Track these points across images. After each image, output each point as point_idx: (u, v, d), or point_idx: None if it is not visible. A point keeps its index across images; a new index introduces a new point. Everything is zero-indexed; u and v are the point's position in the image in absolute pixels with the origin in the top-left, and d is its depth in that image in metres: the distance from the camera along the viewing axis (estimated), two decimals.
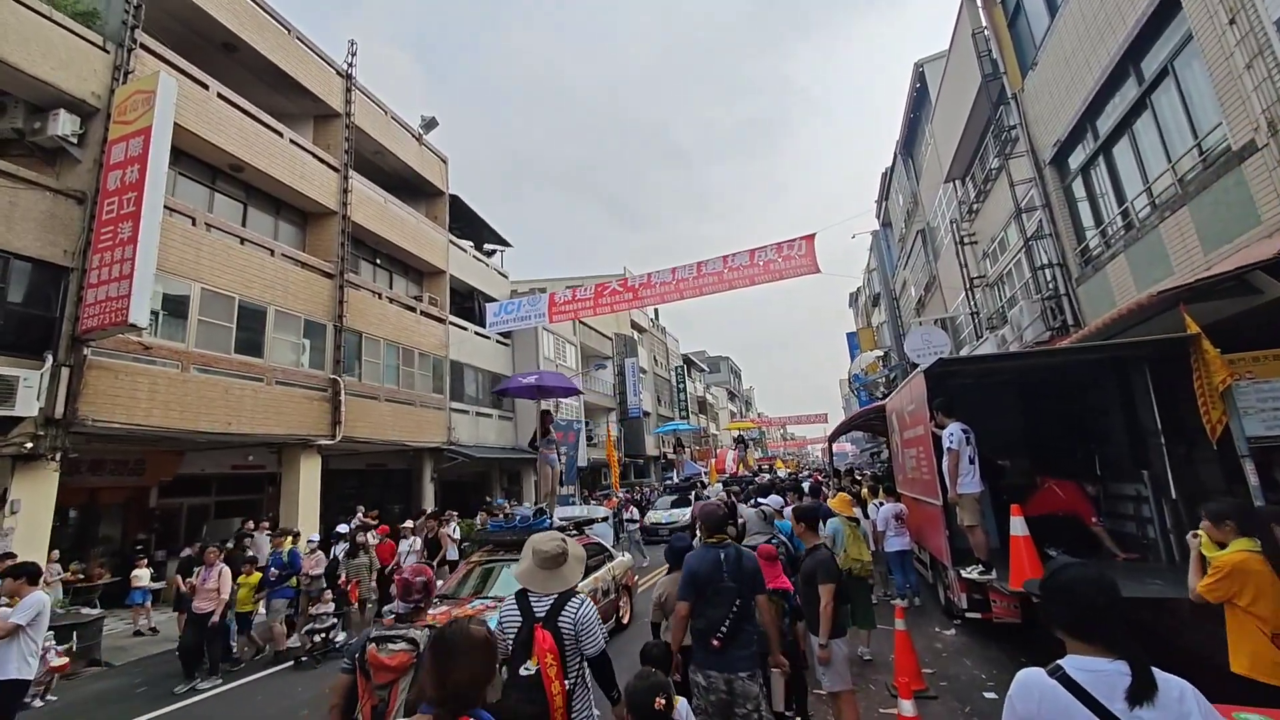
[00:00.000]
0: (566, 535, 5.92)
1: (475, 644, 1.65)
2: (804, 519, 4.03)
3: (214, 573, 7.42)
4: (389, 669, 2.54)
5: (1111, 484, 6.23)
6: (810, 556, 3.96)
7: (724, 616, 3.13)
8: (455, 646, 1.62)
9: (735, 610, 3.15)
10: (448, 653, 1.61)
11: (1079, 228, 8.84)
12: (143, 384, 9.80)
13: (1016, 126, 9.68)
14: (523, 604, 2.79)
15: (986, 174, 11.67)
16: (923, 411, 6.35)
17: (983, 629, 5.94)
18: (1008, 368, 6.17)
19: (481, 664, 1.64)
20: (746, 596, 3.23)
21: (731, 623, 3.13)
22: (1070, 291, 8.94)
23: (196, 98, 11.49)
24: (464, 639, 1.64)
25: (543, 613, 2.73)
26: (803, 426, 72.07)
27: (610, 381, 31.74)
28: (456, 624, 1.70)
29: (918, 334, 13.76)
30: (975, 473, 5.31)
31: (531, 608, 2.76)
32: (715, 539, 3.40)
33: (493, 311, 11.77)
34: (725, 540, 3.42)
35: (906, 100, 17.01)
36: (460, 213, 21.97)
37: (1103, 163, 7.89)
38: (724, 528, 3.51)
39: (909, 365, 24.21)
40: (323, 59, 15.16)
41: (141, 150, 9.19)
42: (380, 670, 2.55)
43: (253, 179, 13.17)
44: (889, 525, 7.56)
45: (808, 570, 3.92)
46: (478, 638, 1.67)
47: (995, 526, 6.21)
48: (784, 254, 10.28)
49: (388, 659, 2.55)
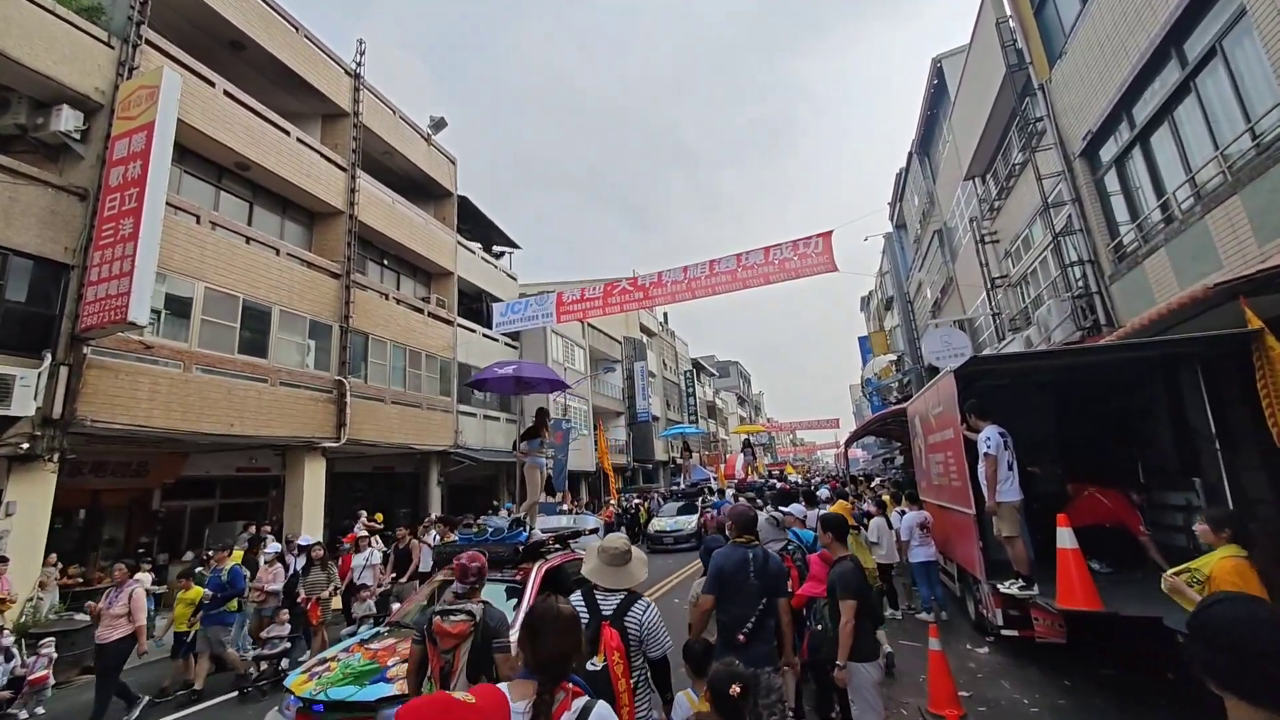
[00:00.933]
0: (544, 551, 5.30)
1: (564, 619, 1.82)
2: (831, 528, 3.69)
3: (123, 595, 6.33)
4: (452, 636, 2.98)
5: (1157, 492, 5.82)
6: (833, 569, 3.61)
7: (749, 614, 3.28)
8: (545, 622, 1.79)
9: (761, 608, 3.32)
10: (539, 628, 1.77)
11: (1112, 223, 8.44)
12: (144, 384, 9.61)
13: (1043, 118, 9.30)
14: (589, 600, 2.91)
15: (1010, 170, 11.27)
16: (952, 414, 5.98)
17: (1019, 647, 5.55)
18: (1045, 367, 5.78)
19: (571, 637, 1.82)
20: (772, 596, 3.37)
21: (756, 620, 3.28)
22: (1103, 289, 8.52)
23: (203, 95, 11.37)
24: (553, 615, 1.81)
25: (610, 611, 2.86)
26: (813, 432, 71.38)
27: (619, 385, 31.43)
28: (546, 602, 1.88)
29: (936, 336, 13.34)
30: (1014, 479, 4.94)
31: (599, 605, 2.89)
32: (744, 539, 3.56)
33: (499, 312, 11.50)
34: (753, 541, 3.58)
35: (923, 97, 16.63)
36: (469, 214, 21.82)
37: (1139, 153, 7.50)
38: (754, 529, 3.68)
39: (924, 370, 23.72)
40: (331, 58, 15.06)
41: (144, 146, 9.04)
42: (445, 637, 2.98)
43: (259, 178, 13.03)
44: (913, 535, 7.17)
45: (830, 582, 3.58)
46: (566, 614, 1.85)
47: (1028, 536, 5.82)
48: (800, 252, 9.94)
49: (451, 627, 2.99)
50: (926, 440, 7.84)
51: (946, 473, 6.61)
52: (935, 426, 7.01)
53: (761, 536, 5.50)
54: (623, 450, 30.98)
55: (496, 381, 7.34)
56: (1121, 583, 4.45)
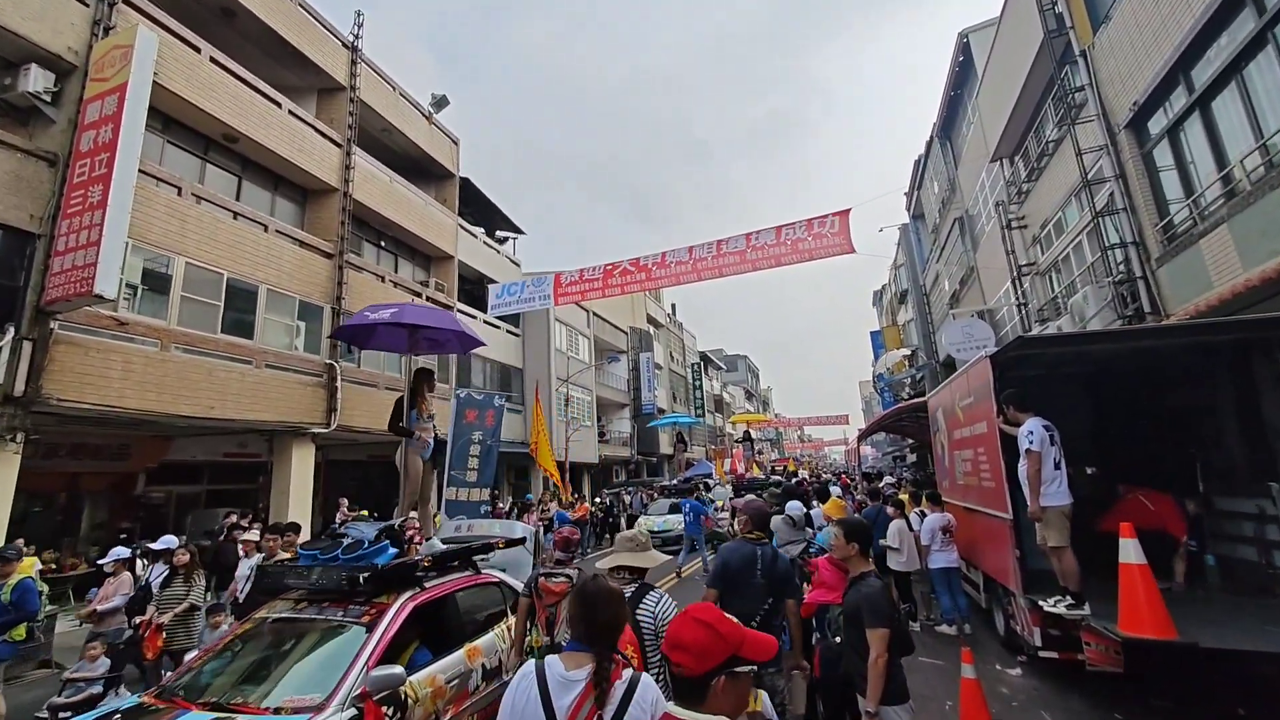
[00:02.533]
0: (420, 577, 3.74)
1: (612, 594, 1.90)
2: (855, 538, 3.04)
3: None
4: (554, 593, 3.52)
5: (1220, 499, 5.13)
6: (854, 589, 2.97)
7: (755, 612, 3.17)
8: (596, 597, 1.86)
9: (766, 608, 3.25)
10: (591, 602, 1.85)
11: (1160, 200, 7.68)
12: (116, 362, 9.11)
13: (1084, 88, 8.52)
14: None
15: (1042, 148, 10.48)
16: (986, 405, 5.30)
17: (1057, 670, 4.89)
18: (1100, 352, 5.09)
19: (621, 609, 1.91)
20: (778, 597, 3.33)
21: (762, 619, 3.19)
22: (1148, 274, 7.77)
23: (187, 61, 10.81)
24: (602, 590, 1.89)
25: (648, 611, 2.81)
26: (821, 428, 70.50)
27: (624, 376, 30.83)
28: (594, 579, 1.96)
29: (957, 327, 12.59)
30: (1063, 480, 4.26)
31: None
32: (755, 536, 3.50)
33: (495, 294, 10.91)
34: (764, 539, 3.52)
35: (947, 77, 15.77)
36: (472, 197, 21.23)
37: (1197, 120, 6.73)
38: (767, 525, 3.63)
39: (938, 365, 22.93)
40: (327, 29, 14.45)
41: (116, 109, 8.48)
42: (549, 594, 3.54)
43: (248, 151, 12.47)
44: (935, 539, 6.51)
45: (850, 607, 2.94)
46: (614, 590, 1.93)
47: None
48: (814, 232, 9.23)
49: (554, 586, 3.55)
50: (951, 436, 7.16)
51: (975, 472, 5.94)
52: (963, 420, 6.34)
53: (778, 538, 4.98)
54: (626, 443, 30.42)
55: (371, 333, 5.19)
56: (1180, 601, 3.79)
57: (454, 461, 8.42)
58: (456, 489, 8.50)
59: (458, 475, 8.49)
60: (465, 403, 9.19)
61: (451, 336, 5.21)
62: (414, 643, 3.76)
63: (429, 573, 3.94)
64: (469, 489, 8.53)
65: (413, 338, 5.09)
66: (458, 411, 8.65)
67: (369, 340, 5.46)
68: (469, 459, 8.69)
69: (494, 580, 4.52)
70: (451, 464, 8.35)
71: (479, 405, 9.11)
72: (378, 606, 3.47)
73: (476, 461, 8.68)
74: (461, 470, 8.55)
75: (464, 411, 8.90)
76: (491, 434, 8.92)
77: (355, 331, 5.36)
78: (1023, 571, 4.82)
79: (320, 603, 3.64)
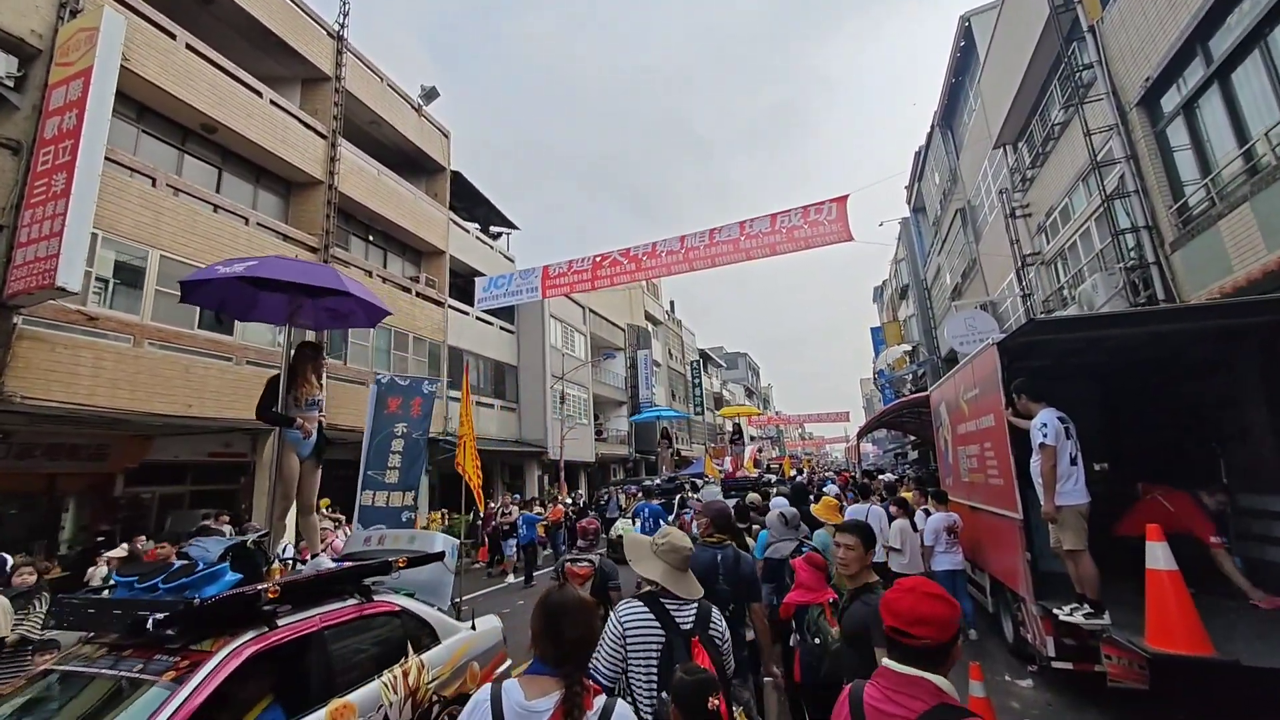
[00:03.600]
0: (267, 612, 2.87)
1: (583, 605, 1.71)
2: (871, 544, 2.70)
3: None
4: (579, 576, 3.95)
5: (1244, 496, 4.77)
6: (861, 602, 2.60)
7: None
8: (564, 609, 1.67)
9: (727, 615, 2.98)
10: (557, 615, 1.66)
11: (1175, 181, 7.29)
12: (85, 359, 8.77)
13: (1093, 65, 8.13)
14: (662, 615, 2.39)
15: (1048, 132, 10.09)
16: (993, 397, 4.94)
17: (1071, 682, 4.53)
18: (1114, 339, 4.71)
19: (591, 623, 1.72)
20: (741, 601, 3.23)
21: None
22: (1161, 259, 7.39)
23: (161, 47, 10.45)
24: (570, 602, 1.69)
25: (689, 624, 2.39)
26: (822, 425, 70.07)
27: (622, 374, 30.47)
28: (562, 589, 1.75)
29: (959, 319, 12.22)
30: (1080, 477, 3.89)
31: (673, 618, 2.39)
32: (716, 539, 3.39)
33: (482, 286, 10.55)
34: (725, 542, 3.40)
35: (948, 63, 15.36)
36: (464, 192, 20.86)
37: (1215, 94, 6.34)
38: (729, 528, 3.47)
39: (940, 360, 22.55)
40: (310, 16, 14.07)
41: (81, 94, 8.13)
42: (574, 577, 3.91)
43: (228, 141, 12.12)
44: (939, 539, 6.14)
45: (856, 623, 2.56)
46: (584, 601, 1.74)
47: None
48: (811, 219, 8.85)
49: (579, 570, 3.98)
50: (955, 430, 6.80)
51: (982, 468, 5.58)
52: (968, 414, 5.97)
53: (771, 535, 4.71)
54: (624, 441, 30.06)
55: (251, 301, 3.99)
56: (1212, 612, 3.42)
57: (371, 460, 6.92)
58: (373, 492, 6.92)
59: (376, 476, 6.94)
60: (387, 389, 7.47)
61: (355, 307, 4.02)
62: (264, 700, 2.81)
63: (280, 606, 2.90)
64: (388, 492, 6.94)
65: (296, 305, 3.91)
66: (377, 400, 7.16)
67: (249, 309, 4.11)
68: (389, 456, 7.05)
69: (393, 610, 3.52)
70: (368, 462, 6.90)
71: (403, 391, 7.43)
72: (193, 656, 2.57)
73: (399, 459, 7.04)
74: (380, 470, 6.97)
75: (385, 399, 7.25)
76: (418, 426, 7.23)
77: (214, 293, 3.90)
78: (1034, 575, 4.46)
79: (121, 650, 2.69)
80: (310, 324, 4.33)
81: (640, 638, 2.33)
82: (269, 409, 3.77)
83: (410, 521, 6.95)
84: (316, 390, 3.98)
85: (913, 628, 1.52)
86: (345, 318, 4.30)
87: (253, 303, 4.06)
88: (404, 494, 7.02)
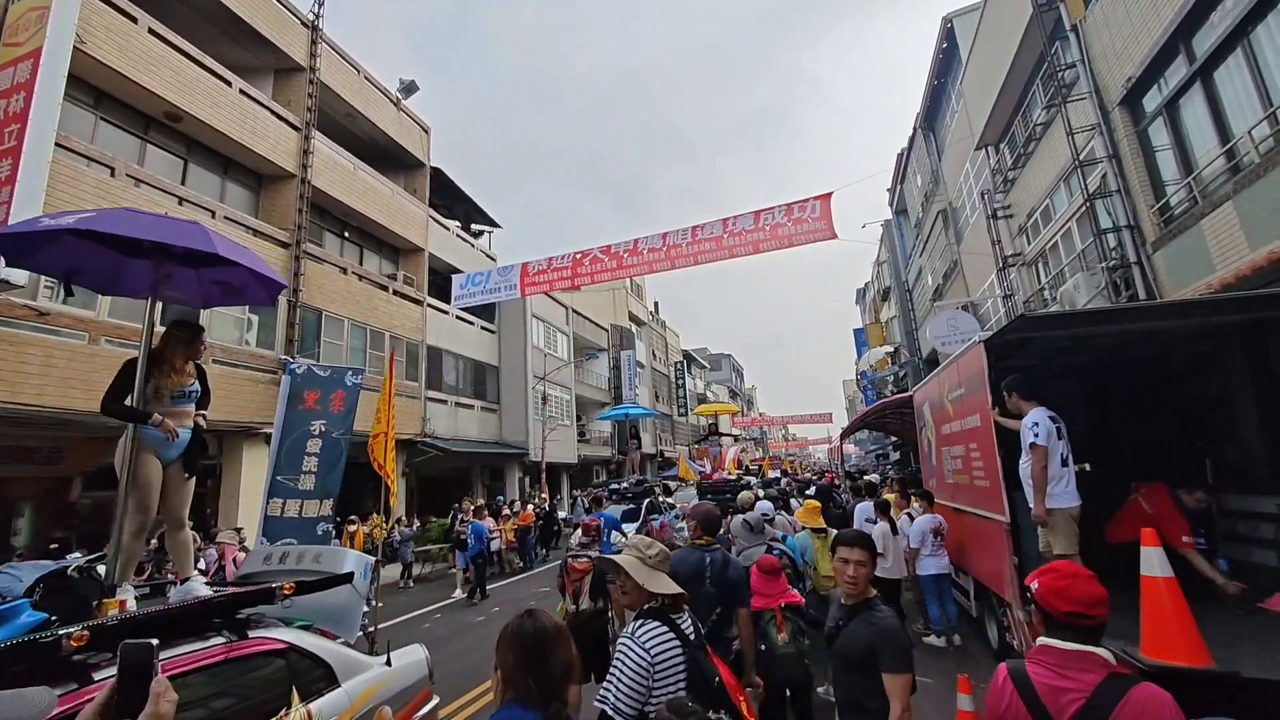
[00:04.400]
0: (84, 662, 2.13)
1: (560, 633, 1.55)
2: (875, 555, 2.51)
3: None
4: (579, 570, 4.25)
5: (1231, 497, 4.69)
6: (861, 620, 2.36)
7: (702, 622, 2.77)
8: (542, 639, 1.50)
9: (715, 619, 3.11)
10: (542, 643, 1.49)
11: (1157, 181, 7.28)
12: (33, 356, 8.32)
13: (1076, 64, 8.10)
14: (676, 630, 2.18)
15: (1030, 132, 10.08)
16: (979, 396, 4.81)
17: None
18: (1102, 338, 4.59)
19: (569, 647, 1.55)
20: (727, 606, 3.18)
21: (710, 630, 2.99)
22: (1143, 259, 7.37)
23: (122, 31, 9.99)
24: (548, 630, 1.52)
25: (692, 632, 2.23)
26: (805, 426, 70.46)
27: (605, 375, 30.22)
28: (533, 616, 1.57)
29: (943, 319, 12.19)
30: (1071, 478, 3.76)
31: (683, 631, 2.19)
32: (704, 541, 3.37)
33: (458, 284, 10.25)
34: (714, 545, 3.38)
35: (931, 64, 15.40)
36: (445, 189, 20.48)
37: (1198, 92, 6.31)
38: (716, 530, 3.45)
39: (921, 361, 22.66)
40: (283, 4, 13.63)
41: (29, 75, 7.72)
42: (574, 571, 4.25)
43: (194, 131, 11.66)
44: (926, 542, 6.01)
45: (861, 646, 2.29)
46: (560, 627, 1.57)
47: None
48: (794, 217, 8.70)
49: (579, 565, 4.28)
50: (939, 431, 6.68)
51: (967, 469, 5.45)
52: (953, 414, 5.85)
53: (736, 542, 4.63)
54: (607, 442, 29.81)
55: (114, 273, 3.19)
56: (1207, 620, 3.29)
57: (283, 463, 5.94)
58: (284, 501, 5.91)
59: (287, 482, 5.94)
60: (303, 380, 6.24)
61: (250, 280, 3.22)
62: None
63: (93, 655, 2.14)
64: (302, 500, 5.90)
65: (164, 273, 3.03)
66: (291, 393, 6.14)
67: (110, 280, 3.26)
68: (304, 459, 6.00)
69: (277, 648, 2.78)
70: (278, 466, 5.94)
71: (322, 384, 6.29)
72: None
73: (315, 462, 6.00)
74: (293, 475, 5.96)
75: (300, 393, 6.18)
76: (340, 423, 6.13)
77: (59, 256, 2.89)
78: (1021, 580, 4.31)
79: None
80: (189, 299, 3.51)
81: (668, 663, 2.11)
82: (118, 401, 2.96)
83: (327, 535, 5.96)
84: (189, 380, 3.26)
85: (1093, 609, 1.59)
86: (239, 292, 3.50)
87: (115, 271, 3.17)
88: (321, 502, 5.98)
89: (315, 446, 6.03)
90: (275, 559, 3.76)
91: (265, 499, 5.86)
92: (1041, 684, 1.57)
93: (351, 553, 3.78)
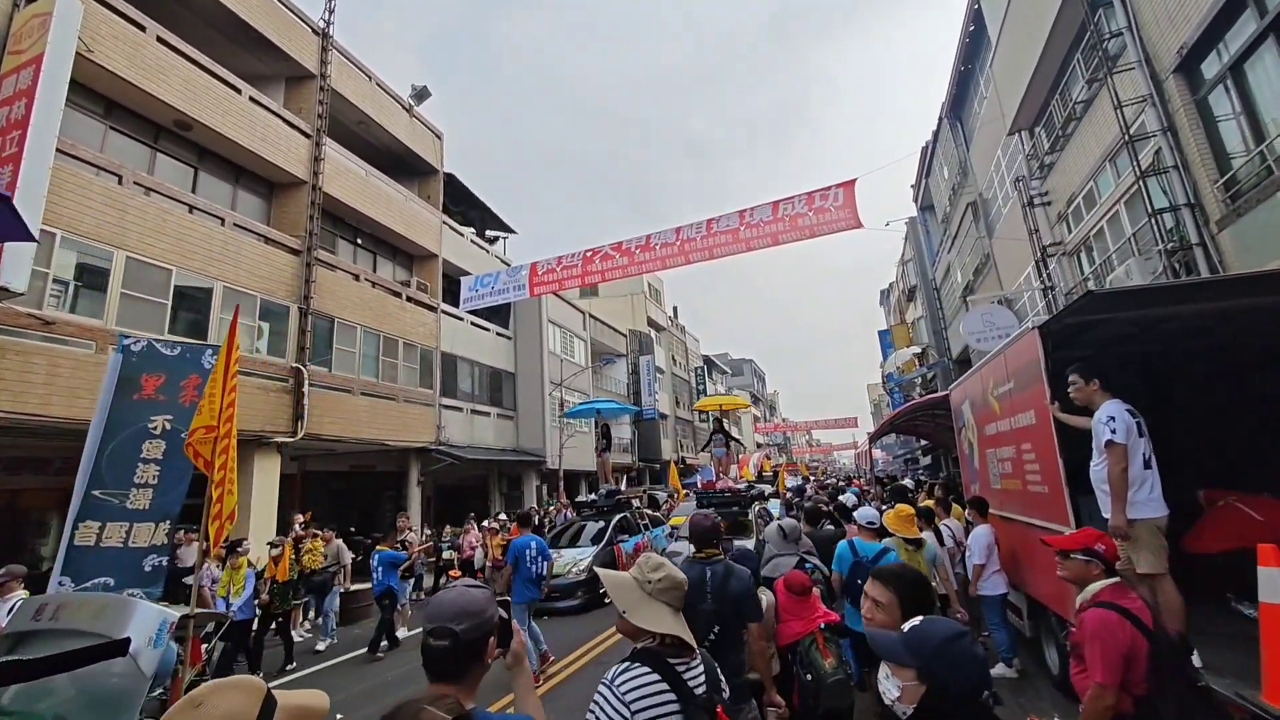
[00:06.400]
0: None
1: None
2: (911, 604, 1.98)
3: None
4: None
5: None
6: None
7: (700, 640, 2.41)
8: None
9: (714, 635, 2.84)
10: None
11: (1220, 153, 6.60)
12: (40, 366, 8.20)
13: (1123, 32, 7.47)
14: (670, 677, 1.71)
15: (1069, 112, 9.42)
16: (1034, 390, 4.25)
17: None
18: (1181, 317, 3.95)
19: None
20: (731, 621, 2.90)
21: (711, 647, 2.70)
22: (1206, 239, 6.69)
23: (130, 39, 9.96)
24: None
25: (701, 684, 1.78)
26: (830, 432, 69.04)
27: (624, 380, 29.80)
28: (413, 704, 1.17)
29: (976, 314, 11.50)
30: (1156, 483, 3.19)
31: (685, 682, 1.72)
32: (704, 554, 3.16)
33: (467, 286, 9.95)
34: (715, 556, 3.14)
35: (957, 51, 14.73)
36: (458, 195, 20.35)
37: (1271, 51, 5.66)
38: (712, 541, 3.20)
39: (951, 362, 21.74)
40: (293, 11, 13.61)
41: (30, 82, 7.63)
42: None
43: (204, 139, 11.62)
44: (992, 558, 5.36)
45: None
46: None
47: None
48: (816, 206, 8.21)
49: None
50: (982, 431, 6.08)
51: (1019, 473, 4.86)
52: (999, 412, 5.26)
53: (770, 551, 4.29)
54: (627, 449, 29.33)
55: None
56: None
57: (104, 472, 4.42)
58: (101, 525, 4.39)
59: (108, 499, 4.38)
60: (139, 362, 4.82)
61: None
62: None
63: None
64: (130, 524, 4.41)
65: None
66: (121, 376, 4.72)
67: None
68: (137, 467, 4.49)
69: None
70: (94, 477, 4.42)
71: (168, 366, 4.77)
72: None
73: (154, 472, 4.50)
74: (120, 489, 4.44)
75: (134, 378, 4.73)
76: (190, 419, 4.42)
77: None
78: None
79: None
80: None
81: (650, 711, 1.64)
82: None
83: (158, 573, 4.30)
84: None
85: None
86: None
87: None
88: (155, 527, 4.41)
89: (156, 450, 4.49)
90: (49, 613, 2.73)
91: (71, 525, 4.25)
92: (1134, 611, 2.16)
93: (143, 606, 2.73)
